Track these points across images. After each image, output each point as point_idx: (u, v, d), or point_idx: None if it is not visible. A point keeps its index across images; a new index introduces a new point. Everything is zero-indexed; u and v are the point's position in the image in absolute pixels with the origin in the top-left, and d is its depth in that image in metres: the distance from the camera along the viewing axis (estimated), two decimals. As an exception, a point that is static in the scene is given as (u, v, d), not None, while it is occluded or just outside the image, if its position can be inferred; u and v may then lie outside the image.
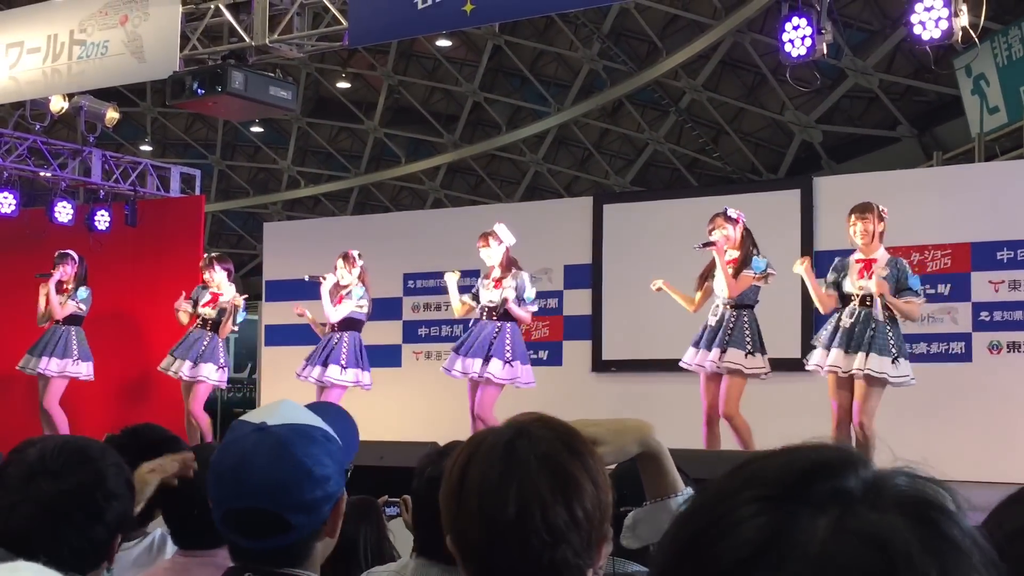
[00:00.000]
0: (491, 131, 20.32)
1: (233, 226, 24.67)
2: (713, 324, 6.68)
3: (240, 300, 8.36)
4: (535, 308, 7.46)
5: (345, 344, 7.86)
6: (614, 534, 1.42)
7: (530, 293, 7.34)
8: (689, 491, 1.60)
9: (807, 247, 8.47)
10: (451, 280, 7.58)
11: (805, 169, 16.43)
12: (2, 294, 10.89)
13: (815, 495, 0.64)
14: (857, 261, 6.21)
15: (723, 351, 6.56)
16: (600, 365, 9.28)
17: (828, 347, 6.15)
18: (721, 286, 6.67)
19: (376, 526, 3.13)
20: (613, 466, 1.66)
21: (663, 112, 18.44)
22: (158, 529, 2.58)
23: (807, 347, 8.36)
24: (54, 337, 8.98)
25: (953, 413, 6.53)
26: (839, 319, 6.14)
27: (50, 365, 8.84)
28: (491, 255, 7.39)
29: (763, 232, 6.85)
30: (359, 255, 8.00)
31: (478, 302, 7.48)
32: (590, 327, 9.36)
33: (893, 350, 6.01)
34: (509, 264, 7.38)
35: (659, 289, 6.97)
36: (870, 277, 6.04)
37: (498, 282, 7.33)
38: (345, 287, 7.90)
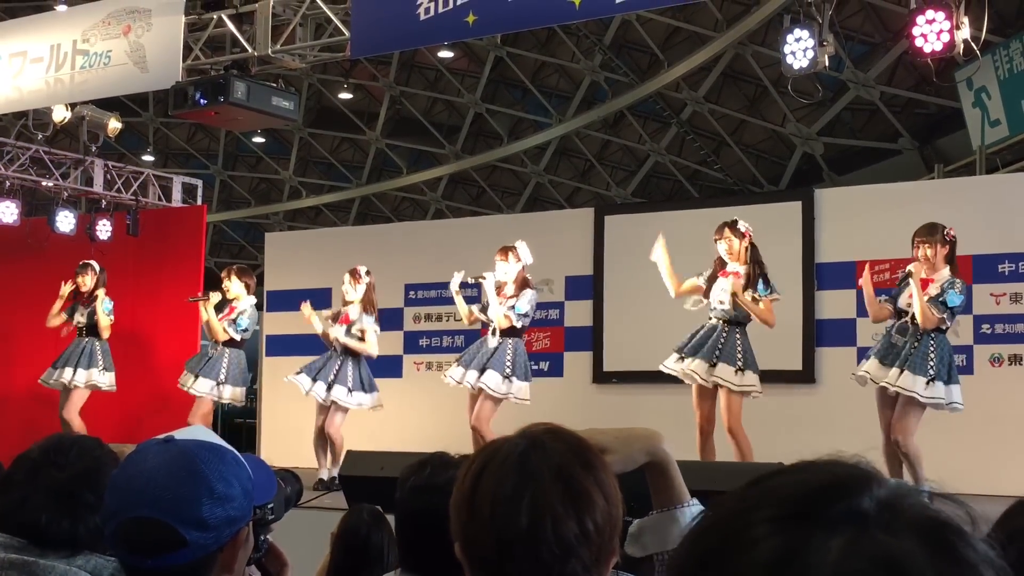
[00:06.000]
0: (492, 142, 20.35)
1: (234, 236, 24.69)
2: (701, 335, 6.58)
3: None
4: (519, 324, 7.25)
5: (351, 367, 7.74)
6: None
7: (521, 306, 7.21)
8: (695, 502, 1.58)
9: (808, 259, 8.47)
10: (456, 283, 7.38)
11: (806, 181, 16.44)
12: (4, 303, 10.89)
13: (828, 516, 0.63)
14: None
15: (712, 365, 6.44)
16: (601, 376, 9.26)
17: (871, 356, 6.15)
18: (722, 298, 6.59)
19: (390, 533, 3.15)
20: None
21: (664, 124, 18.46)
22: None
23: (808, 359, 8.38)
24: (77, 349, 8.91)
25: (955, 425, 6.51)
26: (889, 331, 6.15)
27: (76, 377, 8.75)
28: (508, 271, 7.28)
29: (764, 244, 6.83)
30: (367, 271, 7.82)
31: (485, 315, 7.37)
32: (591, 338, 9.34)
33: (931, 371, 5.89)
34: (523, 284, 7.29)
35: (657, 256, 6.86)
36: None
37: (506, 298, 7.23)
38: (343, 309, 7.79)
